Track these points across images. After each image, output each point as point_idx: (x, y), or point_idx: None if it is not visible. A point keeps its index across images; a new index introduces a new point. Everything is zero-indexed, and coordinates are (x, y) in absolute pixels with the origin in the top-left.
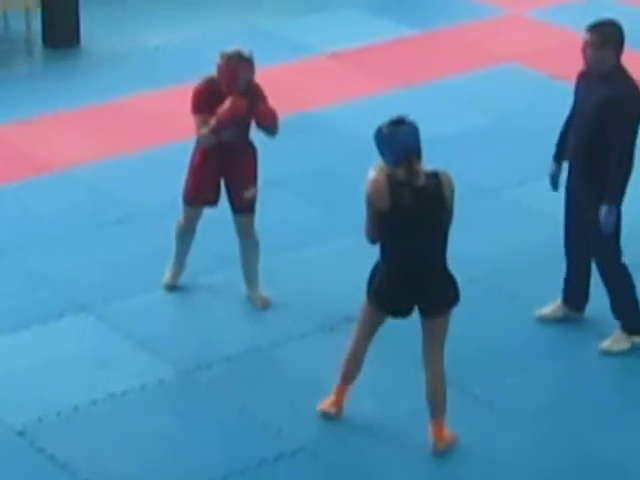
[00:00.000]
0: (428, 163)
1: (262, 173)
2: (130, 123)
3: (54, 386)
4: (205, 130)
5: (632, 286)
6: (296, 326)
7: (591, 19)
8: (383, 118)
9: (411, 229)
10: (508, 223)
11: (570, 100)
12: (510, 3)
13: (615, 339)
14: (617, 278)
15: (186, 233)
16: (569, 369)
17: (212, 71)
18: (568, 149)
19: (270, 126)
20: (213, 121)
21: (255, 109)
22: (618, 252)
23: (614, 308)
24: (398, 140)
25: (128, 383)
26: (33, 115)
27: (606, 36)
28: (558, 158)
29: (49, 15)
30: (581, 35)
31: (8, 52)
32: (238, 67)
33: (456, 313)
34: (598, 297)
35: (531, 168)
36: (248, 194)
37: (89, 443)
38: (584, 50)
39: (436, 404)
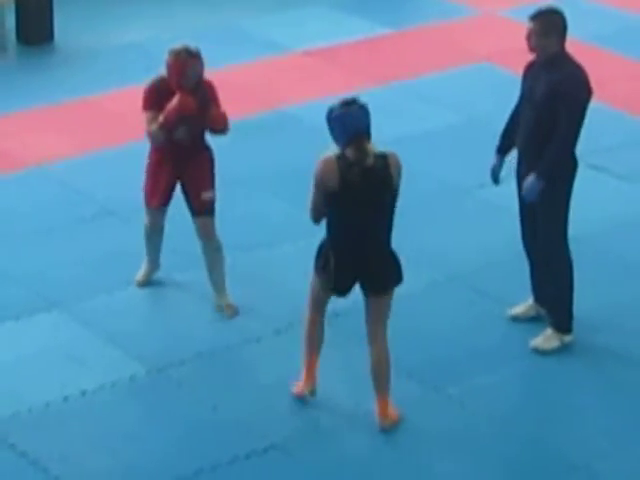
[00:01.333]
0: (404, 161)
1: (235, 171)
2: (104, 120)
3: (26, 382)
4: (154, 126)
5: (571, 285)
6: (267, 324)
7: (567, 19)
8: None
9: (358, 208)
10: (480, 222)
11: None
12: (484, 3)
13: (546, 337)
14: (560, 272)
15: (153, 233)
16: (540, 368)
17: (162, 70)
18: (517, 140)
19: (221, 130)
20: (161, 118)
21: (207, 112)
22: (565, 246)
23: (551, 304)
24: (348, 121)
25: (100, 380)
26: (6, 111)
27: (549, 24)
28: (501, 151)
29: (23, 11)
30: None
31: None
32: (186, 62)
33: (429, 311)
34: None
35: (505, 167)
36: (206, 196)
37: (61, 439)
38: (528, 39)
39: (381, 381)
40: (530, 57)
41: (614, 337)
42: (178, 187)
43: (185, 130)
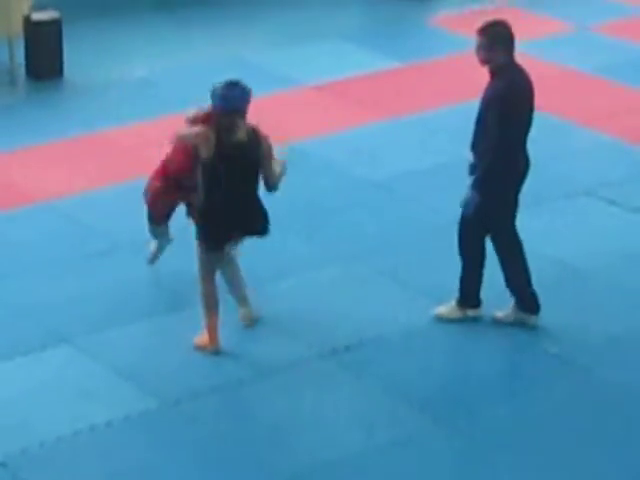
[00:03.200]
0: (409, 196)
1: None
2: (113, 154)
3: (37, 417)
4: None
5: (482, 266)
6: (281, 357)
7: (576, 52)
8: (367, 150)
9: (230, 175)
10: (489, 254)
11: (552, 129)
12: None
13: (449, 306)
14: (471, 261)
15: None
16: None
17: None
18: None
19: None
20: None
21: None
22: (508, 231)
23: (461, 282)
24: (228, 98)
25: (111, 414)
26: (16, 146)
27: (495, 37)
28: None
29: (32, 46)
30: (565, 67)
31: None
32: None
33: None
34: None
35: None
36: None
37: (71, 474)
38: (477, 52)
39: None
40: (539, 88)
41: (624, 370)
42: None
43: (192, 179)
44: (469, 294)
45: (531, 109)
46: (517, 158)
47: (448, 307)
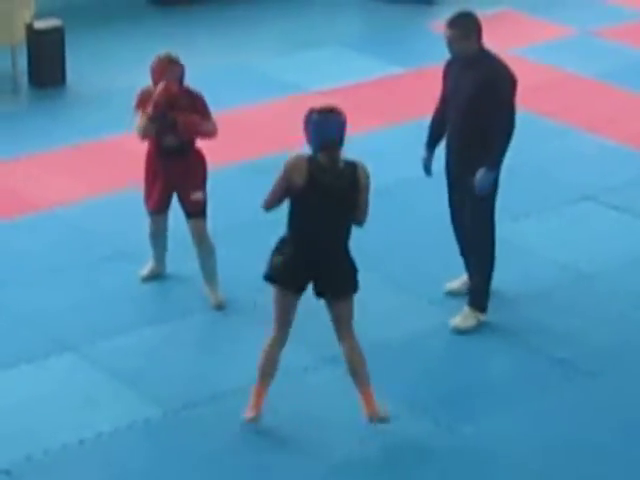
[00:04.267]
0: (415, 201)
1: (249, 210)
2: (116, 161)
3: (41, 425)
4: (143, 118)
5: (492, 266)
6: (282, 363)
7: (578, 57)
8: (372, 156)
9: (322, 208)
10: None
11: (555, 135)
12: (494, 41)
13: (464, 316)
14: (484, 255)
15: (156, 236)
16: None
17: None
18: (447, 137)
19: (208, 133)
20: (149, 109)
21: (193, 118)
22: (492, 231)
23: (472, 283)
24: (325, 128)
25: (115, 422)
26: (19, 154)
27: (467, 28)
28: (430, 145)
29: (35, 54)
30: (567, 72)
31: None
32: (168, 66)
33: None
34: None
35: (518, 205)
36: (196, 196)
37: None
38: (449, 45)
39: (360, 375)
40: (542, 93)
41: (629, 375)
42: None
43: (173, 137)
44: (484, 294)
45: None
46: None
47: (462, 316)
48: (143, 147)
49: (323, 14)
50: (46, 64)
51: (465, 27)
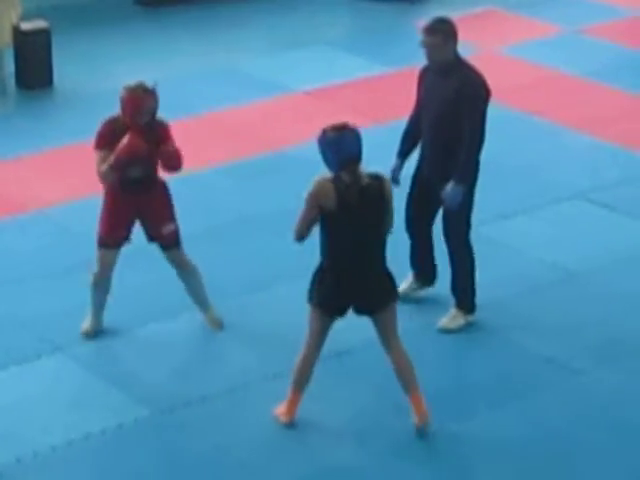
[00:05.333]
0: (404, 200)
1: (236, 211)
2: None
3: (30, 427)
4: (105, 167)
5: (473, 269)
6: (272, 364)
7: (565, 55)
8: None
9: (356, 227)
10: (483, 258)
11: (543, 133)
12: (481, 40)
13: (451, 317)
14: (464, 261)
15: (101, 283)
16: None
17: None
18: (422, 145)
19: (174, 167)
20: (112, 159)
21: (161, 149)
22: (469, 237)
23: (454, 286)
24: (343, 146)
25: (104, 423)
26: (7, 156)
27: (446, 35)
28: (401, 154)
29: (22, 56)
30: (555, 70)
31: None
32: (142, 99)
33: (432, 349)
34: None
35: (506, 204)
36: (167, 230)
37: None
38: (428, 52)
39: (409, 381)
40: (530, 92)
41: (618, 373)
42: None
43: (139, 169)
44: (470, 296)
45: None
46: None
47: (449, 317)
48: None
49: (308, 14)
50: (33, 66)
51: (444, 34)
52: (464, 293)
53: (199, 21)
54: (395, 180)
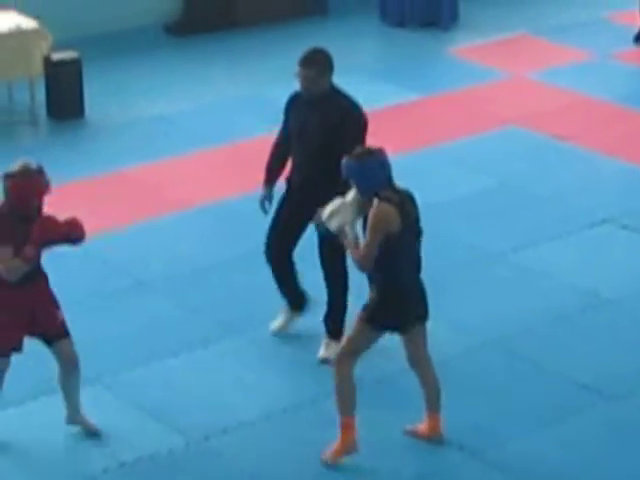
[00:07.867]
0: (436, 227)
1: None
2: (136, 193)
3: (65, 456)
4: (17, 262)
5: (345, 294)
6: (309, 391)
7: (596, 80)
8: None
9: (413, 243)
10: (515, 286)
11: (574, 158)
12: (512, 66)
13: (328, 347)
14: (337, 286)
15: None
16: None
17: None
18: (294, 173)
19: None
20: (31, 250)
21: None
22: (344, 262)
23: (328, 315)
24: (386, 166)
25: (138, 453)
26: None
27: (321, 67)
28: (268, 182)
29: (53, 87)
30: (585, 95)
31: (13, 123)
32: (37, 181)
33: (465, 376)
34: None
35: (538, 230)
36: (60, 317)
37: None
38: (306, 85)
39: (437, 399)
40: (561, 117)
41: None
42: None
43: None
44: (341, 324)
45: None
46: None
47: (326, 347)
48: (163, 178)
49: (339, 42)
50: (64, 96)
51: (321, 65)
52: (337, 321)
53: (228, 49)
54: (264, 209)
